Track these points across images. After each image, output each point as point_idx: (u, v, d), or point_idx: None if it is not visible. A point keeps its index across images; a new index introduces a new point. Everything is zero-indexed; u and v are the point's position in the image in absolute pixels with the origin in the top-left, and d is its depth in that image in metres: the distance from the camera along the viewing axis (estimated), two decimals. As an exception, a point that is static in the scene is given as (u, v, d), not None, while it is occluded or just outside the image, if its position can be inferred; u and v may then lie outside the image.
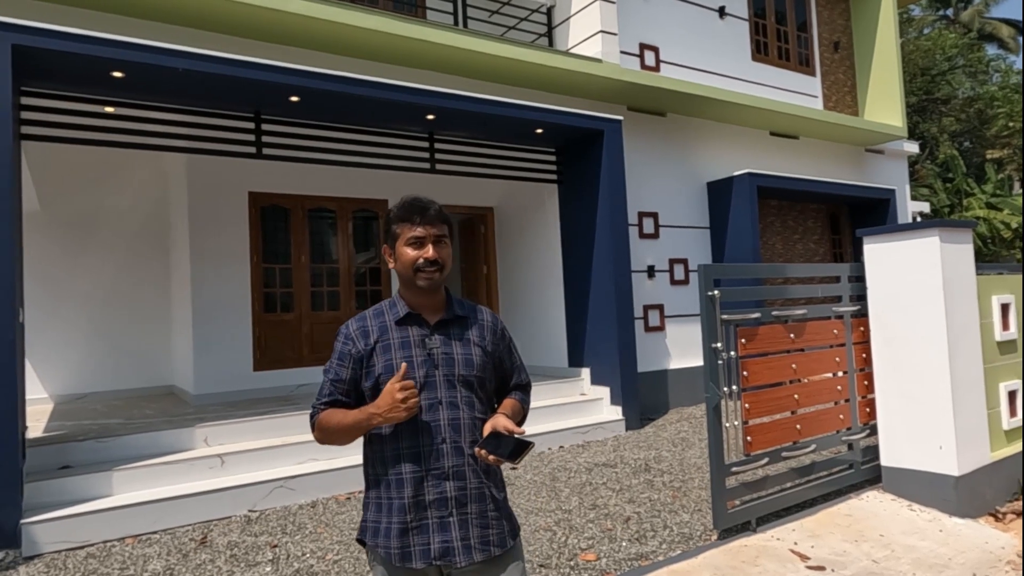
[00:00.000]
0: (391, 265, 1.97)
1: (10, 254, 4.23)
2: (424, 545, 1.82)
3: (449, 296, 2.01)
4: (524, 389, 2.12)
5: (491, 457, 1.74)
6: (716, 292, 3.94)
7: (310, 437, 5.64)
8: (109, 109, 5.36)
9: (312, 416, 1.97)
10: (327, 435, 1.92)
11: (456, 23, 7.76)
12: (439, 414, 1.86)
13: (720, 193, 9.03)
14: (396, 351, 1.88)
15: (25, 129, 4.98)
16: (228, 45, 6.11)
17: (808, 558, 3.68)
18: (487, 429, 1.82)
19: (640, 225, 8.44)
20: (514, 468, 1.75)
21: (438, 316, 1.95)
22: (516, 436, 1.77)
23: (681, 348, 8.61)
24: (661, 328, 8.48)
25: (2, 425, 4.08)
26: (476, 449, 1.79)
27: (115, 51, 4.67)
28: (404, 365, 1.81)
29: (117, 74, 4.94)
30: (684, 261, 8.83)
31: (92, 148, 6.52)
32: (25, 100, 4.99)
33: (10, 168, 4.26)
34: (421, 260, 1.88)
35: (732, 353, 4.05)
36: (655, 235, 8.60)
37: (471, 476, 1.86)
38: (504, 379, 2.08)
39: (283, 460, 5.23)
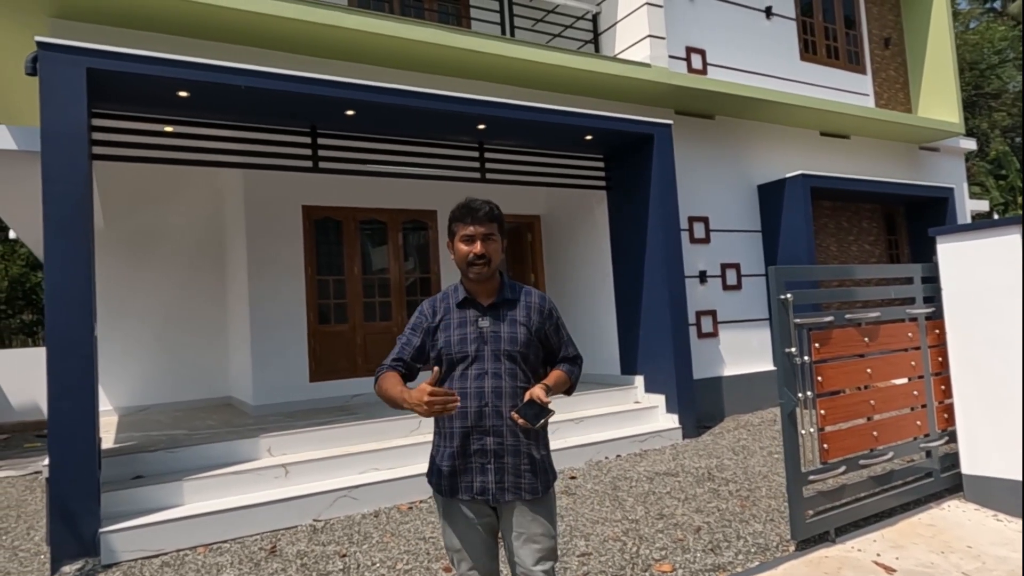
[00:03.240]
0: (452, 258, 2.35)
1: (86, 271, 4.36)
2: (468, 483, 2.25)
3: (503, 281, 2.37)
4: (572, 361, 2.46)
5: (520, 420, 2.11)
6: (789, 295, 3.83)
7: (370, 447, 5.70)
8: (168, 128, 5.50)
9: (378, 371, 2.32)
10: (380, 394, 2.26)
11: (503, 32, 7.79)
12: (485, 382, 2.24)
13: (772, 195, 8.85)
14: (454, 329, 2.30)
15: (95, 150, 5.15)
16: (281, 61, 6.22)
17: (894, 570, 3.54)
18: (526, 397, 2.18)
19: (691, 230, 8.32)
20: (532, 428, 2.15)
21: (490, 300, 2.32)
22: (541, 404, 2.13)
23: (735, 354, 8.44)
24: (714, 334, 8.32)
25: (83, 436, 4.20)
26: (511, 413, 2.15)
27: (183, 71, 4.80)
28: (436, 369, 2.19)
29: (183, 94, 5.08)
30: (736, 266, 8.67)
31: (153, 166, 6.72)
32: (95, 122, 5.16)
33: (85, 188, 4.41)
34: (471, 255, 2.26)
35: (806, 358, 3.94)
36: (706, 240, 8.46)
37: (508, 435, 2.23)
38: (552, 352, 2.43)
39: (345, 470, 5.27)
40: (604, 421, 6.70)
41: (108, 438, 5.85)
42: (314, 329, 7.57)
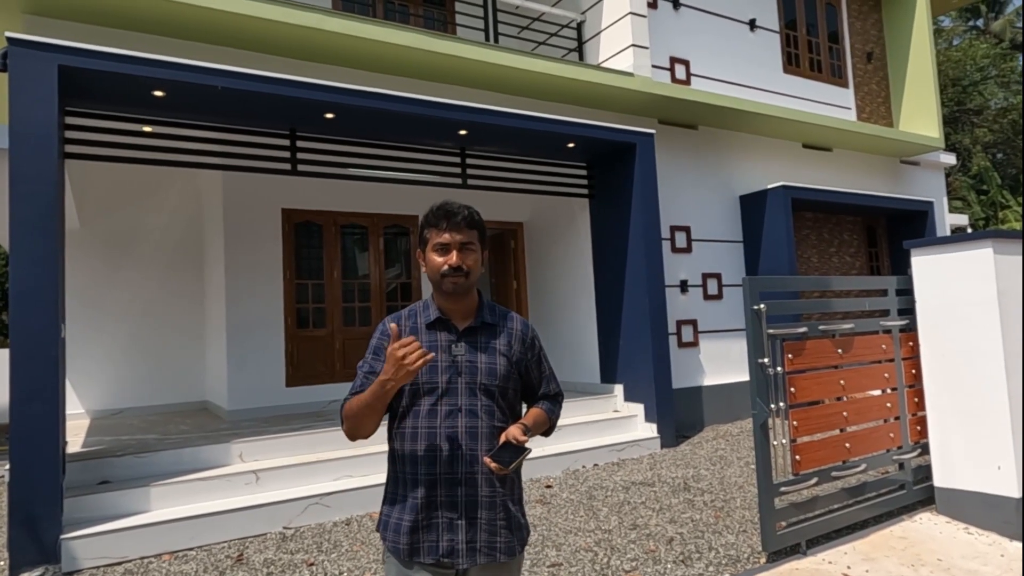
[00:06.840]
0: (423, 269, 2.00)
1: (54, 271, 4.28)
2: (432, 543, 1.87)
3: (481, 302, 2.03)
4: (552, 399, 2.14)
5: (493, 465, 1.78)
6: (762, 306, 3.83)
7: (344, 453, 5.61)
8: (147, 128, 5.44)
9: (341, 407, 1.97)
10: (353, 420, 1.91)
11: (487, 39, 7.79)
12: (458, 421, 1.89)
13: (753, 206, 8.90)
14: None
15: (68, 148, 5.08)
16: (263, 63, 6.17)
17: (864, 583, 3.53)
18: (502, 439, 1.85)
19: (672, 239, 8.33)
20: (508, 472, 1.79)
21: (467, 322, 1.98)
22: (517, 443, 1.81)
23: (715, 364, 8.45)
24: (695, 344, 8.33)
25: (44, 440, 4.10)
26: (484, 458, 1.81)
27: (157, 70, 4.74)
28: (394, 326, 1.83)
29: (158, 93, 5.02)
30: (717, 275, 8.69)
31: (130, 166, 6.63)
32: (68, 120, 5.08)
33: (55, 187, 4.33)
34: (446, 267, 1.91)
35: (779, 369, 3.93)
36: (687, 249, 8.48)
37: (483, 484, 1.89)
38: (531, 388, 2.10)
39: (317, 477, 5.20)
40: (582, 429, 6.66)
41: (77, 442, 5.75)
42: (292, 333, 7.49)
